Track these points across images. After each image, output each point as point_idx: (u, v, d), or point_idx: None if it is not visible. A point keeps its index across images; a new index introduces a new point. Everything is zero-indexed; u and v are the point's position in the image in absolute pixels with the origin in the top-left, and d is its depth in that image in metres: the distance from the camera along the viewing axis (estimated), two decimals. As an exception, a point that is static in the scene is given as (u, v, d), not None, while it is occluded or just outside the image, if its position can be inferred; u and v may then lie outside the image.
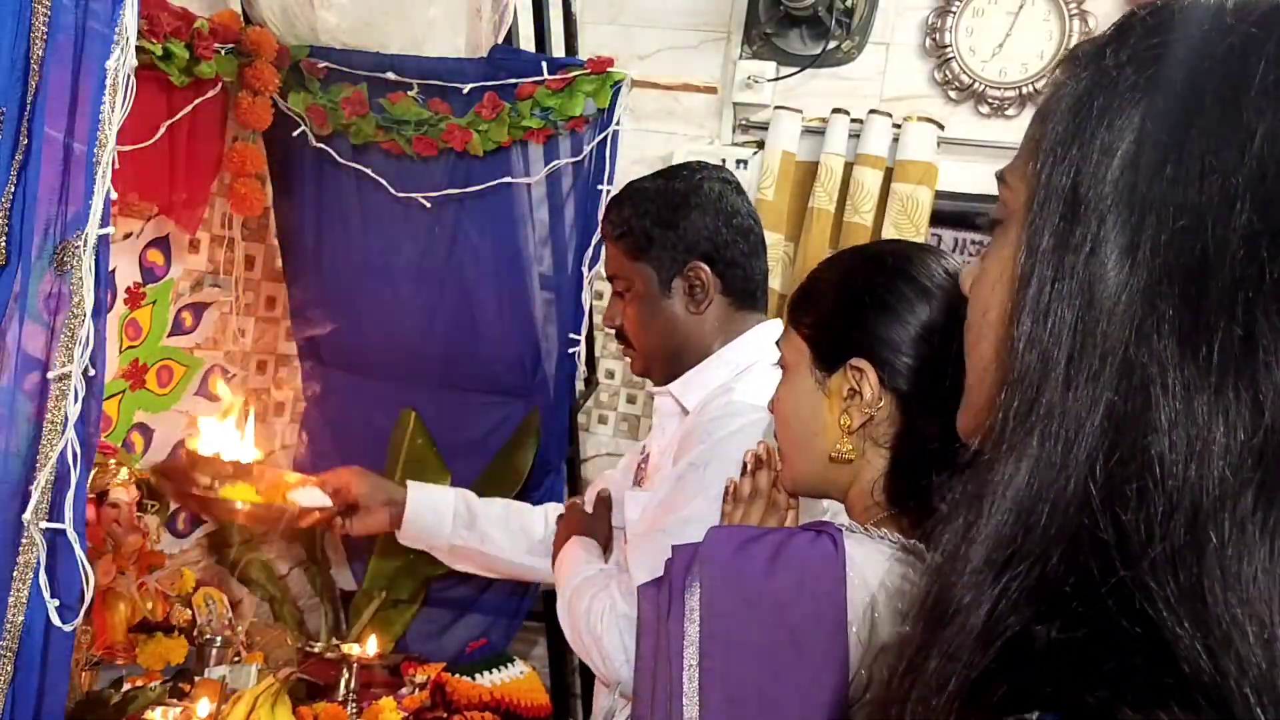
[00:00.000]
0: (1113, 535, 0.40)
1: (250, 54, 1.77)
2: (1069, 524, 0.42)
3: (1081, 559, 0.41)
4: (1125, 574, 0.40)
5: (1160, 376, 0.41)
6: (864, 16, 2.43)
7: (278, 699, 1.55)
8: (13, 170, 1.02)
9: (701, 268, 1.42)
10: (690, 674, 0.80)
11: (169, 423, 1.95)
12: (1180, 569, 0.39)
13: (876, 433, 0.91)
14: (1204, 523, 0.39)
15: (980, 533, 0.45)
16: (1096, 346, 0.43)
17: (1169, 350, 0.41)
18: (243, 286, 2.08)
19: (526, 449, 2.03)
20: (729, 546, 0.84)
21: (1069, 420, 0.43)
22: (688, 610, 0.82)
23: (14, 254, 1.04)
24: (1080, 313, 0.44)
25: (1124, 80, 0.45)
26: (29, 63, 1.02)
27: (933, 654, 0.45)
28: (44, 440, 1.04)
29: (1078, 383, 0.43)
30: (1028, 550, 0.43)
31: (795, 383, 0.97)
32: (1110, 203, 0.44)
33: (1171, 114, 0.43)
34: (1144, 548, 0.40)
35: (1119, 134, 0.45)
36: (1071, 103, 0.48)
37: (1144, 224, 0.43)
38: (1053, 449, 0.43)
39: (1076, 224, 0.45)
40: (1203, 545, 0.39)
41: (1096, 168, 0.45)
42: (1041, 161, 0.48)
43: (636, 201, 1.47)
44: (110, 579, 1.61)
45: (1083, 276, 0.44)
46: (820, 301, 0.98)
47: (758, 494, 1.12)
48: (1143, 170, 0.43)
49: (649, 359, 1.50)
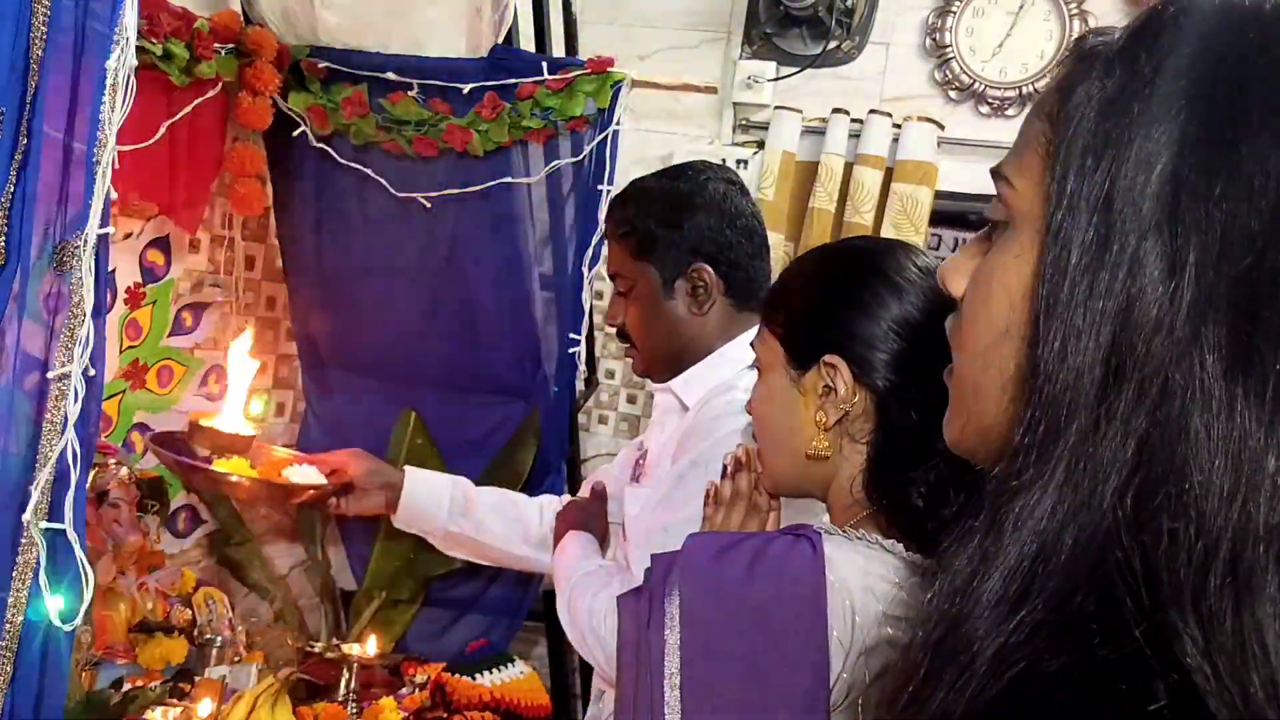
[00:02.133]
0: (1142, 573, 0.38)
1: (250, 54, 1.77)
2: (1097, 558, 0.40)
3: (1113, 595, 0.39)
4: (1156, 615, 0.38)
5: (1204, 407, 0.38)
6: (864, 16, 2.43)
7: (278, 699, 1.55)
8: (12, 170, 1.02)
9: (705, 268, 1.41)
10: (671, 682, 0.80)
11: (169, 423, 1.95)
12: (1216, 617, 0.37)
13: (853, 429, 0.91)
14: (1248, 569, 0.37)
15: (997, 564, 0.43)
16: (1134, 372, 0.40)
17: (1215, 379, 0.38)
18: (243, 286, 2.08)
19: (526, 449, 2.02)
20: (708, 553, 0.84)
21: (1100, 450, 0.40)
22: (668, 618, 0.81)
23: (14, 254, 1.04)
24: (1116, 336, 0.41)
25: (1161, 86, 0.42)
26: (29, 63, 1.02)
27: (940, 685, 0.43)
28: (44, 440, 1.03)
29: (1111, 411, 0.40)
30: (1048, 585, 0.41)
31: (771, 382, 0.98)
32: (1150, 220, 0.41)
33: (1216, 127, 0.41)
34: (1177, 590, 0.37)
35: (1159, 146, 0.42)
36: (1102, 106, 0.44)
37: (1189, 244, 0.40)
38: (1081, 480, 0.41)
39: (1112, 240, 0.42)
40: (1243, 593, 0.37)
41: (1134, 181, 0.42)
42: (1065, 167, 0.45)
43: (641, 201, 1.46)
44: (110, 579, 1.61)
45: (1120, 297, 0.41)
46: (792, 300, 0.98)
47: (738, 496, 1.12)
48: (1187, 187, 0.41)
49: (651, 359, 1.50)
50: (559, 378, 2.02)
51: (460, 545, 1.77)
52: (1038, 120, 0.50)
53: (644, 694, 0.82)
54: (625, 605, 0.89)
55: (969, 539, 0.45)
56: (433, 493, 1.73)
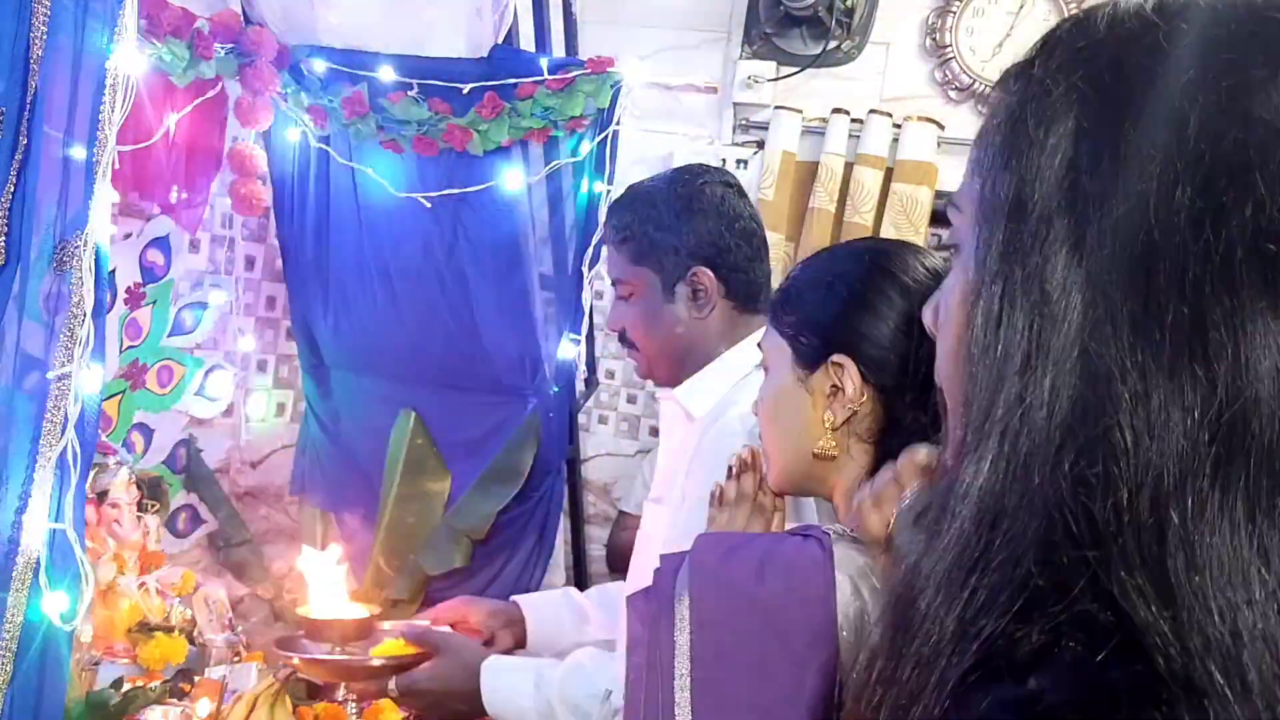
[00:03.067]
0: (1085, 529, 0.40)
1: (250, 54, 1.77)
2: (1040, 522, 0.42)
3: (1057, 556, 0.41)
4: (1096, 563, 0.40)
5: (1118, 365, 0.41)
6: (864, 16, 2.43)
7: (278, 699, 1.55)
8: (12, 170, 1.03)
9: (704, 272, 1.41)
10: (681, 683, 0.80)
11: (169, 423, 1.95)
12: (1145, 553, 0.39)
13: (860, 428, 0.91)
14: (1165, 503, 0.39)
15: (943, 539, 0.45)
16: (1051, 345, 0.43)
17: (1123, 337, 0.41)
18: (243, 286, 2.08)
19: (526, 449, 2.02)
20: (717, 553, 0.84)
21: (1027, 419, 0.43)
22: (678, 619, 0.81)
23: (13, 254, 1.04)
24: (1033, 315, 0.44)
25: (1056, 88, 0.46)
26: (29, 63, 1.02)
27: (904, 663, 0.44)
28: (44, 440, 1.03)
29: (1034, 382, 0.43)
30: (995, 551, 0.43)
31: (777, 382, 0.98)
32: (1055, 205, 0.44)
33: (1105, 111, 0.44)
34: (1113, 536, 0.40)
35: (1056, 139, 0.45)
36: (1005, 117, 0.48)
37: (1088, 218, 0.43)
38: (1012, 448, 0.43)
39: (1023, 231, 0.45)
40: (1165, 526, 0.39)
41: (1037, 175, 0.45)
42: (982, 179, 0.48)
43: (638, 206, 1.46)
44: (110, 579, 1.61)
45: (1033, 280, 0.44)
46: (800, 300, 0.98)
47: (743, 497, 1.12)
48: (1082, 169, 0.44)
49: (653, 363, 1.50)
50: (559, 378, 2.03)
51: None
52: (972, 147, 0.53)
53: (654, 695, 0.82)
54: (635, 606, 0.89)
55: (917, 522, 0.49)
56: (555, 613, 1.65)
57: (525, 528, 2.03)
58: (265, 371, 2.24)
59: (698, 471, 1.33)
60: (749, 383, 1.35)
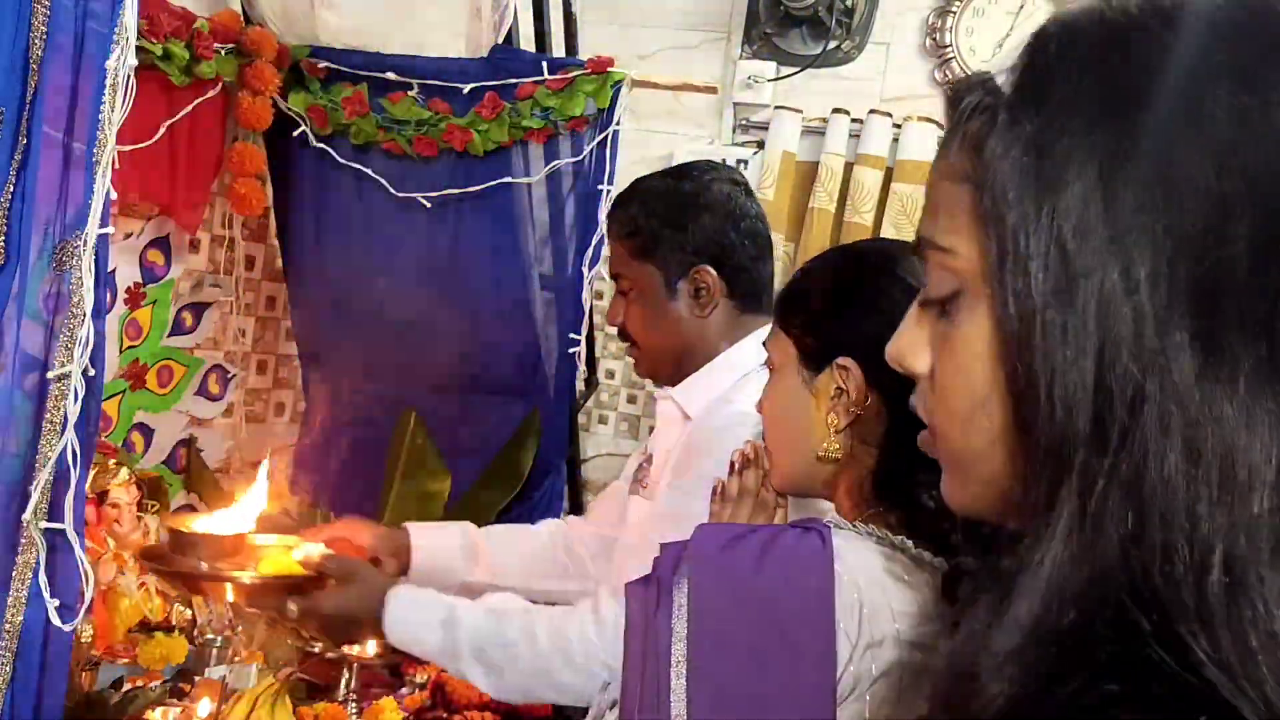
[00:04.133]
0: (1147, 594, 0.38)
1: (250, 54, 1.77)
2: (1107, 590, 0.39)
3: (1127, 620, 0.38)
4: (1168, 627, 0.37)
5: (1183, 413, 0.38)
6: (864, 16, 2.43)
7: (278, 699, 1.55)
8: (12, 170, 1.03)
9: (707, 271, 1.40)
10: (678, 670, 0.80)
11: (169, 423, 1.95)
12: (1219, 618, 0.37)
13: (864, 431, 0.91)
14: (1242, 566, 0.37)
15: (1009, 615, 0.42)
16: (1120, 398, 0.40)
17: (1189, 383, 0.38)
18: (243, 286, 2.08)
19: (526, 449, 2.02)
20: (717, 543, 0.84)
21: (1103, 484, 0.40)
22: (676, 607, 0.82)
23: (13, 254, 1.04)
24: (1095, 368, 0.41)
25: (1076, 119, 0.43)
26: (29, 63, 1.02)
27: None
28: (44, 440, 1.03)
29: (1106, 443, 0.40)
30: (1063, 633, 0.40)
31: (782, 383, 0.98)
32: (1103, 250, 0.41)
33: (1141, 145, 0.41)
34: (1179, 602, 0.37)
35: (1089, 178, 0.42)
36: (1025, 153, 0.44)
37: (1140, 263, 0.40)
38: (1088, 518, 0.40)
39: (1073, 280, 0.42)
40: (1237, 591, 0.37)
41: (1079, 217, 0.42)
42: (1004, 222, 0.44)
43: (644, 201, 1.45)
44: (110, 579, 1.61)
45: (1092, 330, 0.41)
46: (806, 302, 0.98)
47: (746, 493, 1.12)
48: (1126, 209, 0.41)
49: (653, 360, 1.49)
50: (559, 378, 2.02)
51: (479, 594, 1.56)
52: (952, 184, 0.49)
53: (650, 681, 0.82)
54: (634, 593, 0.89)
55: (984, 590, 0.45)
56: (444, 546, 1.60)
57: (525, 528, 2.03)
58: (265, 372, 2.24)
59: (683, 459, 1.34)
60: (747, 382, 1.34)
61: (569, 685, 1.23)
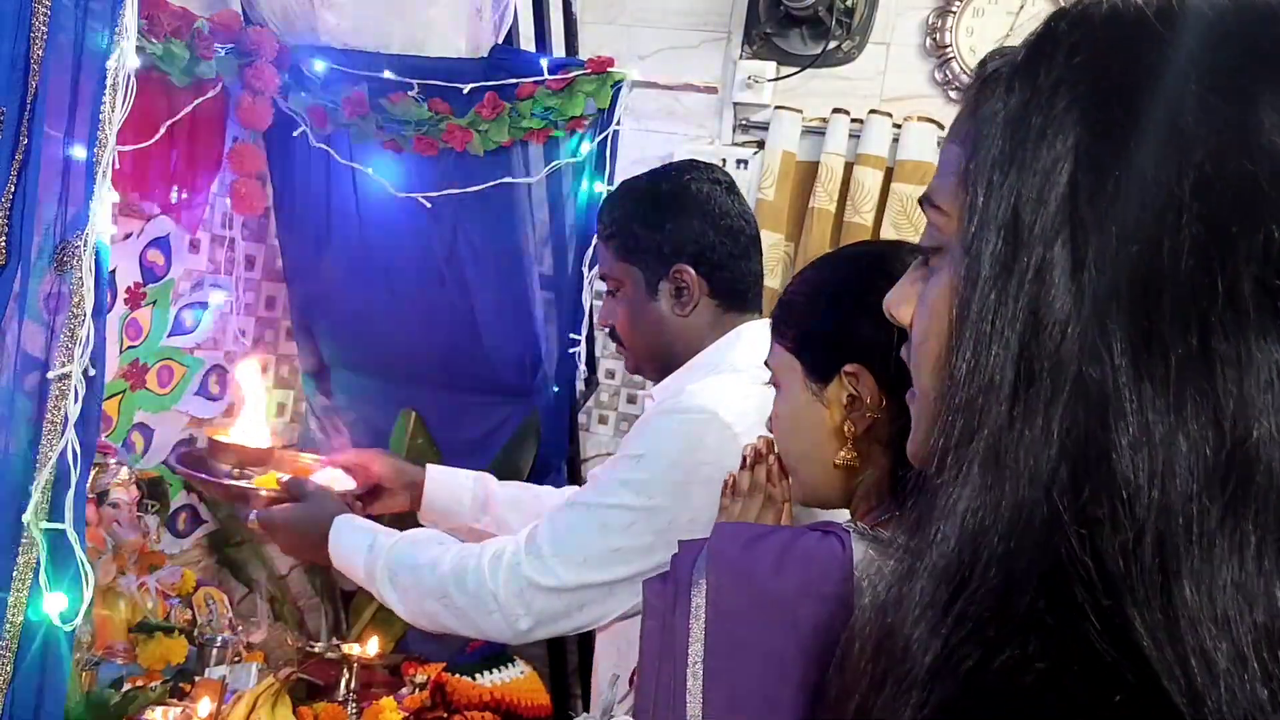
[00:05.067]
0: (1092, 565, 0.39)
1: (250, 54, 1.77)
2: (1040, 554, 0.40)
3: (1061, 589, 0.40)
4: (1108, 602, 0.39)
5: (1117, 397, 0.40)
6: (864, 16, 2.43)
7: (278, 699, 1.55)
8: (13, 170, 1.02)
9: (687, 270, 1.41)
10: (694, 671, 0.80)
11: (169, 423, 1.95)
12: (1153, 594, 0.38)
13: (878, 432, 0.91)
14: (1172, 545, 0.38)
15: (923, 565, 0.44)
16: (1044, 371, 0.42)
17: (1124, 369, 0.40)
18: (243, 286, 2.08)
19: (527, 449, 2.02)
20: (736, 544, 0.84)
21: (1016, 447, 0.42)
22: (693, 607, 0.82)
23: (14, 254, 1.04)
24: (1026, 339, 0.42)
25: (1059, 99, 0.44)
26: (29, 63, 1.02)
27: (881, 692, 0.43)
28: (44, 440, 1.03)
29: (1025, 409, 0.42)
30: (983, 579, 0.41)
31: (791, 398, 0.97)
32: (1053, 226, 0.43)
33: (1110, 131, 0.43)
34: (1123, 576, 0.39)
35: (1058, 155, 0.43)
36: (1004, 124, 0.46)
37: (1088, 243, 0.42)
38: (1000, 475, 0.42)
39: (1019, 249, 0.44)
40: (1169, 568, 0.38)
41: (1038, 192, 0.43)
42: (976, 188, 0.47)
43: (625, 202, 1.47)
44: (110, 579, 1.61)
45: (1027, 302, 0.43)
46: (801, 313, 0.98)
47: (756, 488, 1.12)
48: (1084, 190, 0.42)
49: (640, 359, 1.51)
50: (559, 378, 2.03)
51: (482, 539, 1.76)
52: (954, 145, 0.51)
53: (665, 680, 0.82)
54: (652, 588, 0.89)
55: (897, 540, 0.47)
56: (454, 491, 1.70)
57: (525, 528, 2.03)
58: (265, 372, 2.24)
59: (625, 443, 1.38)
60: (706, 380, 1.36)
61: (463, 609, 1.31)
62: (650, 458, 1.29)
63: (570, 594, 1.27)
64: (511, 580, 1.28)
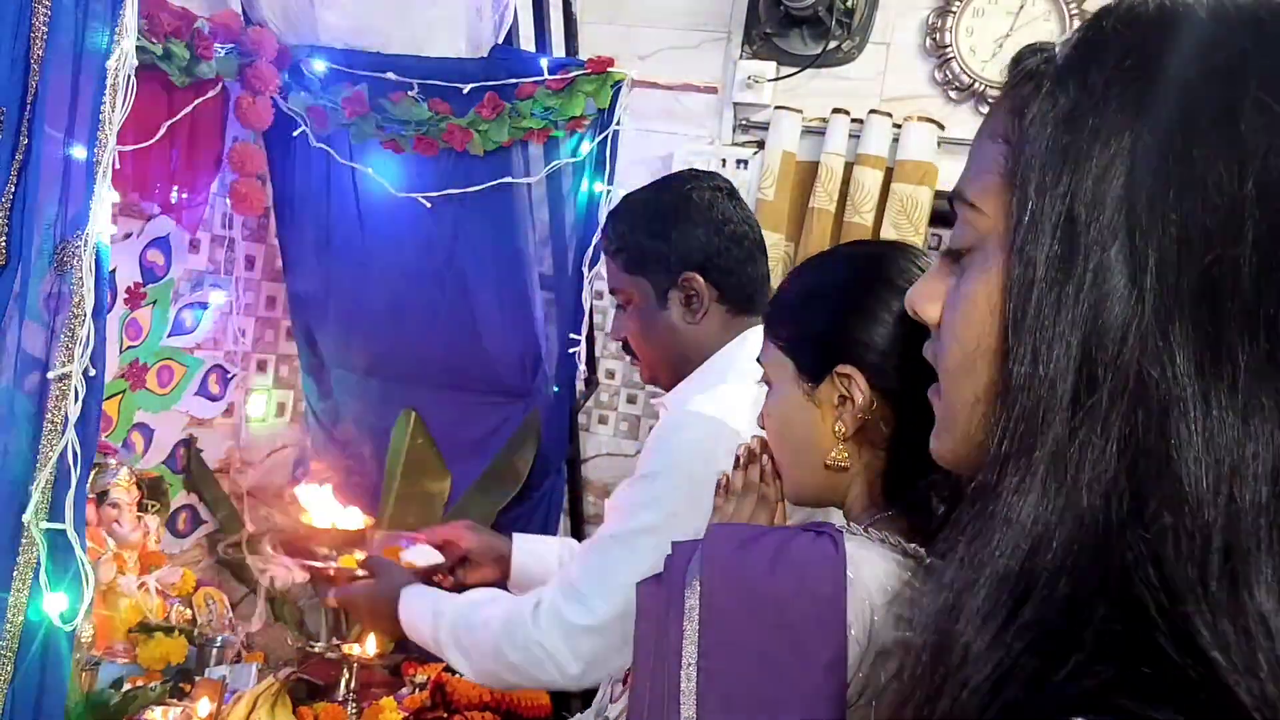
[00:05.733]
0: (1158, 572, 0.39)
1: (250, 54, 1.77)
2: (1104, 563, 0.40)
3: (1132, 598, 0.39)
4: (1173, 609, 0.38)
5: (1180, 403, 0.39)
6: (864, 16, 2.43)
7: (278, 699, 1.55)
8: (13, 170, 1.03)
9: (695, 278, 1.42)
10: (689, 673, 0.80)
11: (169, 423, 1.95)
12: (1223, 603, 0.37)
13: (871, 434, 0.91)
14: (1241, 553, 0.38)
15: (984, 574, 0.43)
16: (1106, 377, 0.41)
17: (1187, 375, 0.39)
18: (243, 286, 2.08)
19: (527, 449, 2.02)
20: (730, 545, 0.84)
21: (1080, 453, 0.41)
22: (687, 608, 0.82)
23: (14, 254, 1.04)
24: (1085, 343, 0.42)
25: (1112, 100, 0.44)
26: (29, 63, 1.02)
27: (944, 694, 0.43)
28: (44, 440, 1.04)
29: (1085, 415, 0.41)
30: (1044, 591, 0.41)
31: (783, 397, 0.97)
32: (1110, 229, 0.42)
33: (1168, 135, 0.42)
34: (1190, 584, 0.38)
35: (1114, 158, 0.43)
36: (1058, 123, 0.46)
37: (1148, 249, 0.41)
38: (1062, 483, 0.41)
39: (1076, 252, 0.43)
40: (1241, 576, 0.38)
41: (1093, 193, 0.43)
42: (1027, 185, 0.46)
43: (628, 216, 1.48)
44: (110, 579, 1.61)
45: (1085, 306, 0.42)
46: (794, 313, 0.98)
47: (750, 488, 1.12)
48: (1143, 194, 0.42)
49: (654, 369, 1.52)
50: (559, 378, 2.02)
51: None
52: (992, 143, 0.50)
53: (660, 682, 0.82)
54: (646, 590, 0.89)
55: (955, 549, 0.46)
56: (542, 558, 1.68)
57: (526, 528, 2.02)
58: (265, 371, 2.24)
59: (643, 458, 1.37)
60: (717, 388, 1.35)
61: (517, 665, 1.31)
62: (663, 474, 1.29)
63: (612, 629, 1.25)
64: (555, 627, 1.27)
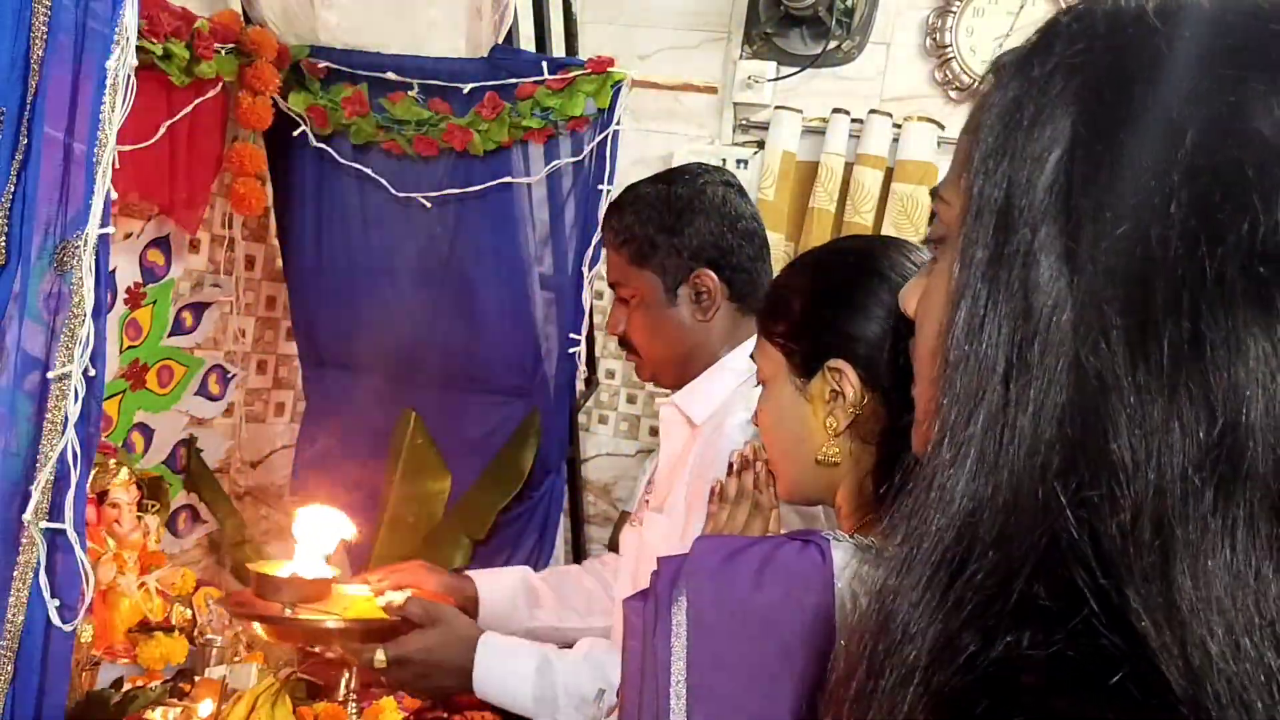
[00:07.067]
0: (1090, 547, 0.40)
1: (250, 54, 1.77)
2: (1037, 536, 0.41)
3: (1060, 572, 0.40)
4: (1107, 584, 0.39)
5: (1113, 382, 0.40)
6: (864, 16, 2.43)
7: (278, 699, 1.55)
8: (13, 170, 1.03)
9: (708, 274, 1.40)
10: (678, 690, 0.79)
11: (169, 423, 1.95)
12: (1151, 576, 0.39)
13: (863, 430, 0.91)
14: (1169, 527, 0.39)
15: (920, 549, 0.44)
16: (1039, 355, 0.42)
17: (1119, 355, 0.40)
18: (243, 286, 2.08)
19: (526, 449, 2.02)
20: (715, 558, 0.83)
21: (1013, 429, 0.42)
22: (674, 625, 0.81)
23: (14, 254, 1.04)
24: (1017, 324, 0.43)
25: (1052, 88, 0.45)
26: (29, 63, 1.02)
27: (886, 675, 0.43)
28: (44, 440, 1.04)
29: (1019, 393, 0.42)
30: (981, 562, 0.42)
31: (776, 393, 0.97)
32: (1044, 212, 0.43)
33: (1102, 119, 0.43)
34: (1121, 556, 0.39)
35: (1050, 142, 0.44)
36: (999, 113, 0.47)
37: (1080, 231, 0.42)
38: (997, 457, 0.42)
39: (1010, 235, 0.44)
40: (1168, 550, 0.39)
41: (1029, 177, 0.44)
42: (972, 175, 0.47)
43: (638, 208, 1.45)
44: (110, 579, 1.61)
45: (1018, 288, 0.43)
46: (788, 308, 0.98)
47: (744, 494, 1.12)
48: (1075, 177, 0.43)
49: (657, 366, 1.49)
50: (559, 378, 2.02)
51: (543, 638, 1.51)
52: (964, 137, 0.52)
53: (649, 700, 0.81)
54: (631, 609, 0.88)
55: (898, 526, 0.47)
56: (509, 593, 1.62)
57: (525, 528, 2.03)
58: (265, 372, 2.24)
59: (696, 483, 1.31)
60: (748, 387, 1.34)
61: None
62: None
63: None
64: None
